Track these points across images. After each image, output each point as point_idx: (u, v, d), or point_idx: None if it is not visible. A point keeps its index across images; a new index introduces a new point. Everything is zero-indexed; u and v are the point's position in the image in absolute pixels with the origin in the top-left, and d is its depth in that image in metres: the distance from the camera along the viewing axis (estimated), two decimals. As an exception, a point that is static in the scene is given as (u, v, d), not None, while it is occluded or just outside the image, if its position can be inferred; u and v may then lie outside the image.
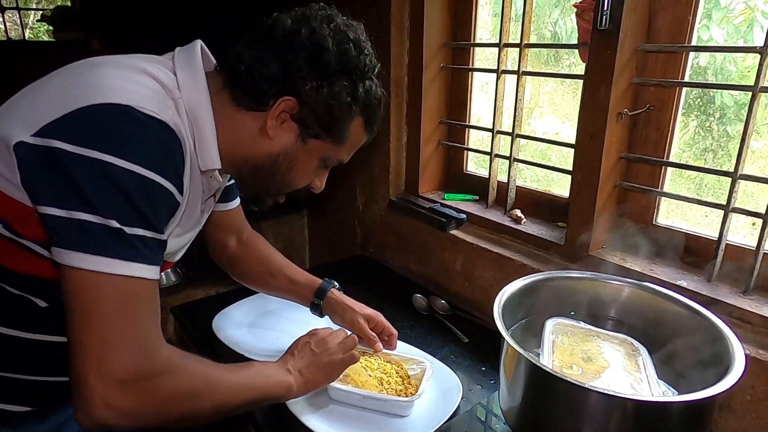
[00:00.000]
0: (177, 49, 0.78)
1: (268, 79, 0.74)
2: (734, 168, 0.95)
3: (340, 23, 0.77)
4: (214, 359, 1.09)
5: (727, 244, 0.99)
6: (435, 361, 1.06)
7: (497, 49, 1.32)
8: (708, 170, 1.05)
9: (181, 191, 0.70)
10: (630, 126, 1.12)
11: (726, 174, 0.97)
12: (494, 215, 1.38)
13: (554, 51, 1.41)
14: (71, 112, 0.62)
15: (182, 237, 0.83)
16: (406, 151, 1.59)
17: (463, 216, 1.41)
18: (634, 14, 1.02)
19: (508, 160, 1.34)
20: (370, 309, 1.10)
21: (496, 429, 0.93)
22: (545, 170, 1.37)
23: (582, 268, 1.06)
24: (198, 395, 0.71)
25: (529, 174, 1.46)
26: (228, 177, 0.95)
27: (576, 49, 1.17)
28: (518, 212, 1.33)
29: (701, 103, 1.13)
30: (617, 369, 0.84)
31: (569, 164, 1.17)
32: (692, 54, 1.05)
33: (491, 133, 1.38)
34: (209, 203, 0.89)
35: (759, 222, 0.94)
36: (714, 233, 1.03)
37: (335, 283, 1.12)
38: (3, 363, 0.74)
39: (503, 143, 1.39)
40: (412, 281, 1.52)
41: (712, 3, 1.06)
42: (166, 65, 0.74)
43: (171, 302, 1.37)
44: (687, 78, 1.06)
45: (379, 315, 1.10)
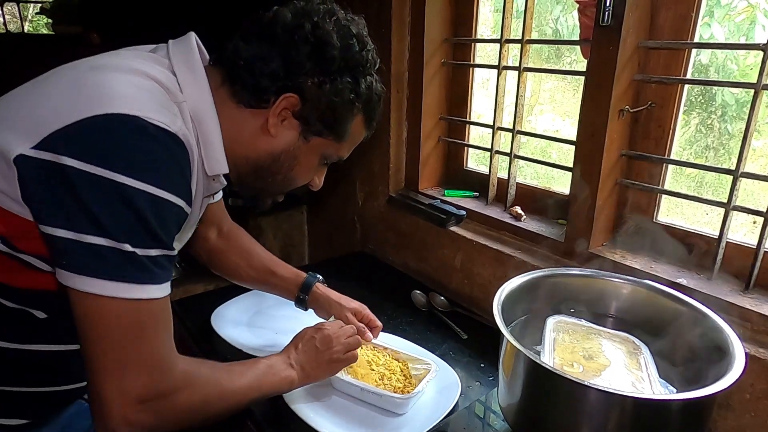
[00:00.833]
0: (170, 44, 0.75)
1: (269, 76, 0.72)
2: (736, 166, 0.94)
3: (342, 18, 0.75)
4: (213, 355, 1.10)
5: (728, 242, 0.99)
6: (439, 361, 1.06)
7: (498, 46, 1.32)
8: (710, 168, 1.05)
9: (191, 203, 0.69)
10: (631, 123, 1.11)
11: (728, 172, 0.96)
12: (494, 212, 1.38)
13: (555, 48, 1.40)
14: (77, 122, 0.59)
15: (182, 237, 0.82)
16: (407, 147, 1.58)
17: (463, 213, 1.41)
18: (637, 11, 1.01)
19: (509, 157, 1.34)
20: (356, 302, 1.09)
21: (495, 426, 0.93)
22: (545, 167, 1.37)
23: (582, 266, 1.06)
24: (211, 403, 0.73)
25: (530, 171, 1.46)
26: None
27: (577, 46, 1.16)
28: (518, 209, 1.33)
29: (703, 101, 1.12)
30: (618, 367, 0.84)
31: (570, 161, 1.17)
32: (694, 51, 1.04)
33: (492, 130, 1.37)
34: (206, 201, 0.89)
35: (760, 220, 0.94)
36: (714, 231, 1.03)
37: (320, 277, 1.11)
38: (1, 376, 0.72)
39: (504, 140, 1.39)
40: (412, 278, 1.52)
41: (714, 1, 1.06)
42: (162, 63, 0.71)
43: (170, 297, 1.37)
44: (689, 75, 1.05)
45: (365, 308, 1.09)
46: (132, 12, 2.08)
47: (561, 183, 1.35)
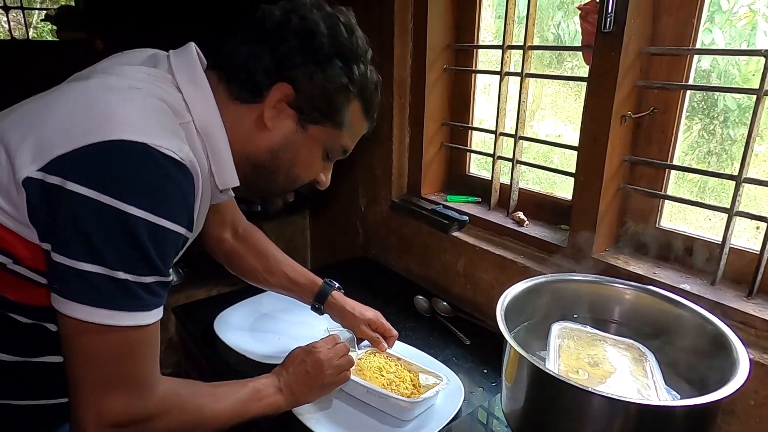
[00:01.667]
0: (171, 56, 0.75)
1: (263, 71, 0.73)
2: (738, 171, 0.94)
3: (329, 9, 0.76)
4: (216, 360, 1.10)
5: (731, 248, 0.99)
6: (444, 369, 1.06)
7: (500, 52, 1.32)
8: (713, 173, 1.04)
9: (191, 229, 0.68)
10: (633, 129, 1.11)
11: (730, 177, 0.96)
12: (497, 217, 1.38)
13: (557, 54, 1.41)
14: (83, 148, 0.59)
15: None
16: (409, 153, 1.59)
17: (466, 218, 1.41)
18: (639, 17, 1.02)
19: (511, 162, 1.34)
20: (371, 312, 1.10)
21: (498, 432, 0.93)
22: (548, 172, 1.37)
23: (585, 271, 1.05)
24: (190, 430, 0.73)
25: (532, 176, 1.46)
26: None
27: (579, 52, 1.17)
28: (521, 214, 1.33)
29: (705, 107, 1.12)
30: (624, 374, 0.83)
31: (572, 167, 1.17)
32: (696, 57, 1.05)
33: (494, 135, 1.37)
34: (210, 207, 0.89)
35: (763, 226, 0.94)
36: (717, 237, 1.02)
37: (335, 284, 1.12)
38: (9, 391, 0.72)
39: (506, 145, 1.39)
40: (414, 283, 1.52)
41: (715, 6, 1.06)
42: (165, 79, 0.71)
43: (173, 302, 1.37)
44: (691, 81, 1.06)
45: (380, 317, 1.09)
46: (136, 18, 2.09)
47: (563, 188, 1.35)
